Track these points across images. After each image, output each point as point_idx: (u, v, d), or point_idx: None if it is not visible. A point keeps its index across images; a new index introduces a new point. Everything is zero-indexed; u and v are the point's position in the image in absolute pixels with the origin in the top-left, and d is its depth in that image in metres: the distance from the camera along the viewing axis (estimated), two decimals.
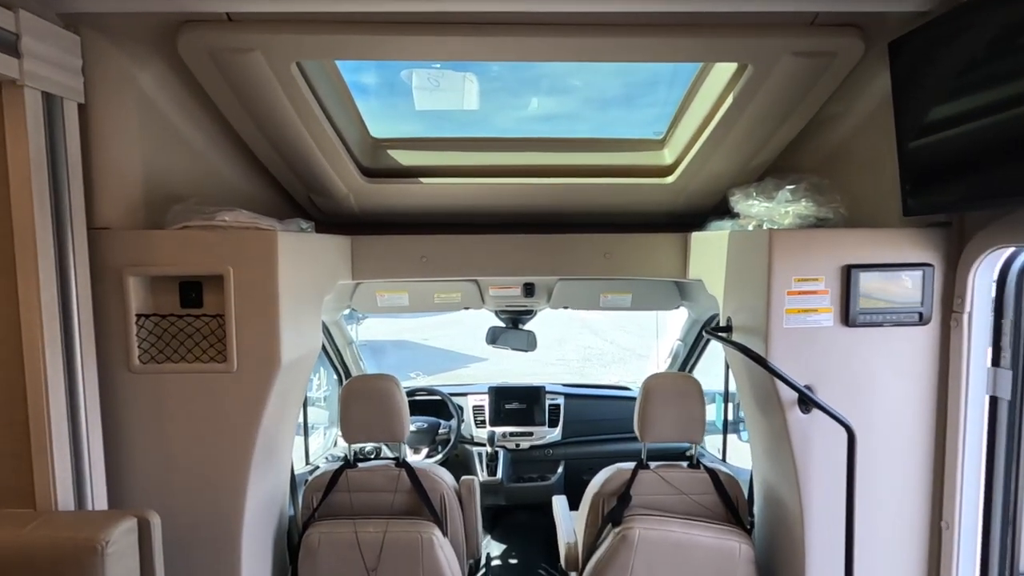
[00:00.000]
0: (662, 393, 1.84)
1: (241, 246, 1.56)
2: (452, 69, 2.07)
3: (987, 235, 1.49)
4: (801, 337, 1.60)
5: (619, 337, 13.16)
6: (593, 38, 1.52)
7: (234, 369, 1.58)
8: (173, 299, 1.61)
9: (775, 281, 1.58)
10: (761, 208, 1.93)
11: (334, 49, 1.56)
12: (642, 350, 11.70)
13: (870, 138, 1.77)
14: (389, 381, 1.86)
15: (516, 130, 2.33)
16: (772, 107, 1.76)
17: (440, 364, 10.56)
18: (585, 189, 2.19)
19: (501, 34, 1.50)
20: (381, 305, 2.61)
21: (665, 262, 2.31)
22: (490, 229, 2.34)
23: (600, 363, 11.50)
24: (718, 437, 3.13)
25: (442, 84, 2.12)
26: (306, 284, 1.81)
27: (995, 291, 1.57)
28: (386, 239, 2.28)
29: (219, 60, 1.54)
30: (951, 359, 1.60)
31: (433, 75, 2.07)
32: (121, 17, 1.45)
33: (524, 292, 2.65)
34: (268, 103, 1.70)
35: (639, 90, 2.30)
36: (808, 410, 1.62)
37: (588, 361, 11.66)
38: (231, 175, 2.01)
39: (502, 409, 3.02)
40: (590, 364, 11.44)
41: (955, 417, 1.59)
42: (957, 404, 1.58)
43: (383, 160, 2.18)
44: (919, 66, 1.50)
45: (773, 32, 1.51)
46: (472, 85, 2.14)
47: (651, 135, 2.24)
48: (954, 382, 1.59)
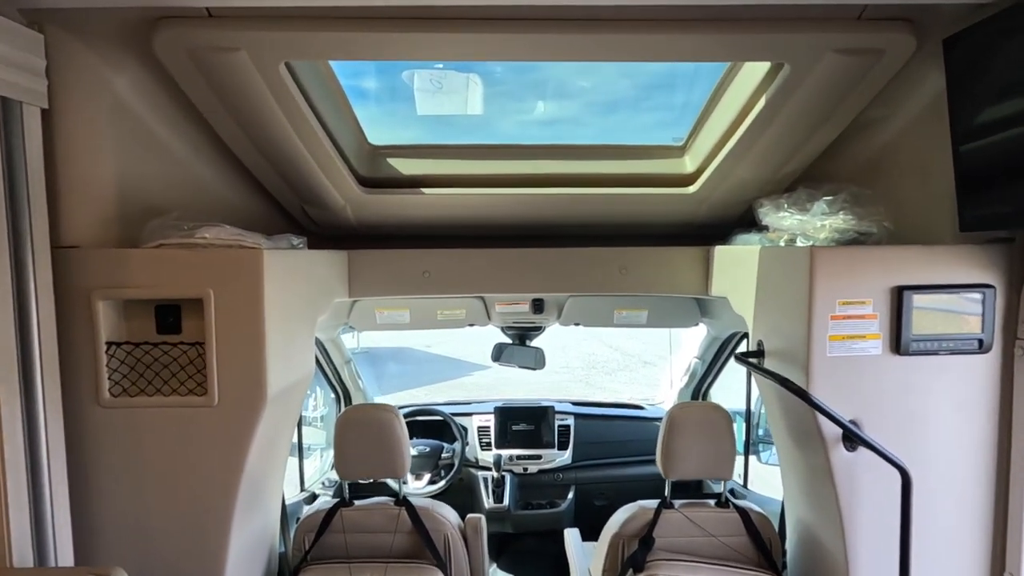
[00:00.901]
0: (688, 425, 1.68)
1: (223, 266, 1.40)
2: (455, 70, 1.93)
3: None
4: (846, 366, 1.44)
5: (624, 344, 12.96)
6: (613, 35, 1.36)
7: (215, 403, 1.42)
8: (148, 325, 1.45)
9: (817, 304, 1.42)
10: (794, 221, 1.77)
11: (327, 48, 1.41)
12: (648, 356, 11.52)
13: (917, 144, 1.61)
14: (388, 412, 1.70)
15: (524, 136, 2.18)
16: (809, 110, 1.60)
17: (442, 373, 10.37)
18: (599, 199, 2.03)
19: (511, 31, 1.35)
20: (380, 322, 2.45)
21: (685, 277, 2.15)
22: (497, 242, 2.18)
23: (605, 371, 11.31)
24: (738, 459, 2.96)
25: (445, 86, 1.97)
26: (297, 305, 1.65)
27: None
28: (385, 253, 2.12)
29: (200, 60, 1.39)
30: (1016, 391, 1.43)
31: (435, 76, 1.92)
32: (91, 13, 1.29)
33: (533, 308, 2.49)
34: (255, 107, 1.54)
35: (656, 92, 2.15)
36: (854, 447, 1.46)
37: (593, 368, 11.47)
38: (217, 185, 1.86)
39: (508, 431, 2.86)
40: (595, 372, 11.25)
41: (1020, 456, 1.42)
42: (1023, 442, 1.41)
43: (382, 169, 2.03)
44: (979, 65, 1.34)
45: (814, 27, 1.36)
46: (476, 87, 1.99)
47: (670, 141, 2.08)
48: (1020, 417, 1.42)
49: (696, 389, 3.05)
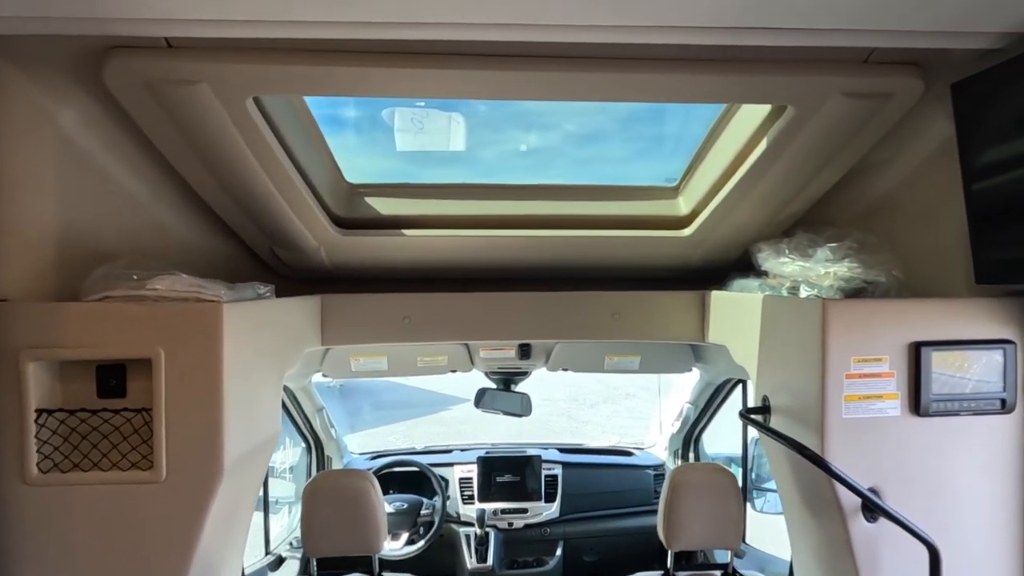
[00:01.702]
0: (692, 490, 1.54)
1: (176, 322, 1.24)
2: (438, 108, 1.83)
3: None
4: (863, 429, 1.33)
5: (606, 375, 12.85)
6: (612, 74, 1.27)
7: (162, 478, 1.24)
8: (88, 388, 1.28)
9: (831, 362, 1.32)
10: (796, 267, 1.68)
11: (299, 83, 1.29)
12: (630, 388, 11.39)
13: (922, 190, 1.55)
14: (362, 480, 1.53)
15: (510, 176, 2.07)
16: (812, 153, 1.53)
17: (420, 407, 10.07)
18: (590, 242, 1.93)
19: (499, 68, 1.25)
20: (356, 370, 2.28)
21: (680, 323, 2.04)
22: (482, 286, 2.05)
23: (588, 403, 11.14)
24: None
25: (426, 126, 1.86)
26: (263, 360, 1.49)
27: None
28: (362, 298, 1.97)
29: (157, 93, 1.26)
30: None
31: (417, 115, 1.82)
32: (31, 40, 1.15)
33: (519, 354, 2.36)
34: (219, 144, 1.41)
35: (647, 132, 2.08)
36: (875, 518, 1.34)
37: (575, 400, 11.29)
38: (178, 227, 1.71)
39: (492, 482, 2.68)
40: (577, 404, 11.07)
41: None
42: None
43: (360, 209, 1.90)
44: (990, 110, 1.28)
45: (820, 70, 1.29)
46: (459, 127, 1.89)
47: (663, 182, 2.00)
48: None
49: (688, 434, 2.92)
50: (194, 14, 1.12)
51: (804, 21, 1.15)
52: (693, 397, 2.74)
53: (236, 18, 1.13)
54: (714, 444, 3.08)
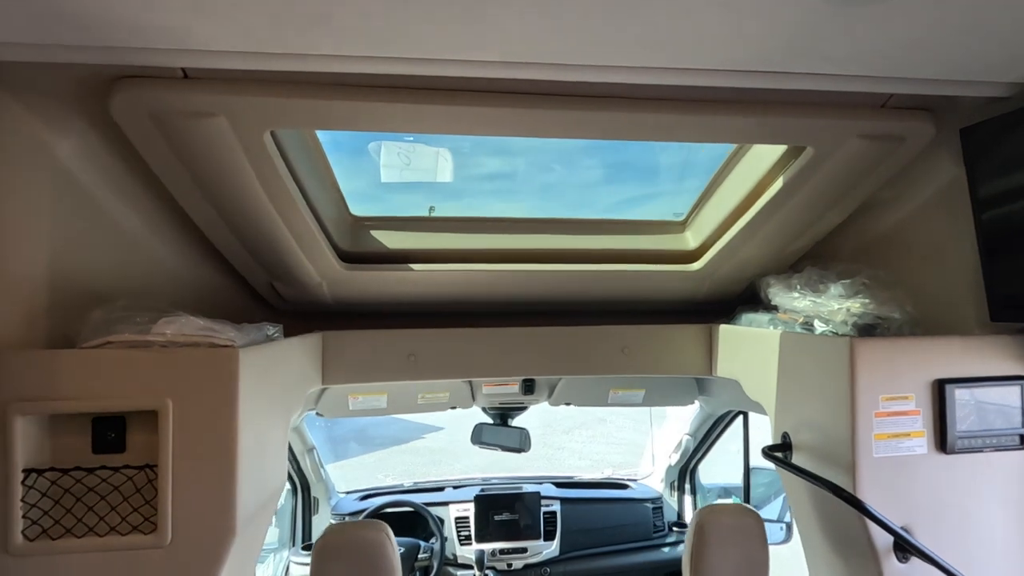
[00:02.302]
0: (720, 532, 1.51)
1: (188, 370, 1.15)
2: (424, 143, 1.80)
3: None
4: (893, 468, 1.33)
5: None
6: (632, 113, 1.27)
7: (167, 541, 1.13)
8: (82, 443, 1.16)
9: (861, 401, 1.32)
10: (807, 303, 1.69)
11: (322, 118, 1.24)
12: (601, 413, 11.37)
13: (927, 228, 1.59)
14: (378, 531, 1.43)
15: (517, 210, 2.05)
16: (826, 192, 1.56)
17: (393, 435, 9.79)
18: (597, 276, 1.91)
19: (523, 106, 1.23)
20: (354, 409, 2.18)
21: (688, 357, 2.03)
22: (487, 321, 2.00)
23: (562, 428, 11.06)
24: None
25: (412, 161, 1.83)
26: (272, 406, 1.40)
27: None
28: (365, 335, 1.89)
29: (168, 125, 1.19)
30: None
31: (403, 149, 1.79)
32: (31, 68, 1.08)
33: (523, 389, 2.30)
34: (230, 178, 1.34)
35: (654, 168, 2.10)
36: (906, 558, 1.33)
37: (549, 427, 11.19)
38: (172, 263, 1.61)
39: (490, 521, 2.58)
40: (552, 430, 10.98)
41: None
42: None
43: (365, 243, 1.83)
44: (1000, 155, 1.33)
45: (842, 113, 1.32)
46: (446, 163, 1.87)
47: (670, 216, 2.01)
48: None
49: (684, 466, 2.91)
50: (213, 44, 1.07)
51: (830, 67, 1.18)
52: (692, 429, 2.73)
53: (258, 50, 1.09)
54: (706, 474, 3.08)
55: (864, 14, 0.99)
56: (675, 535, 2.80)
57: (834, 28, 1.02)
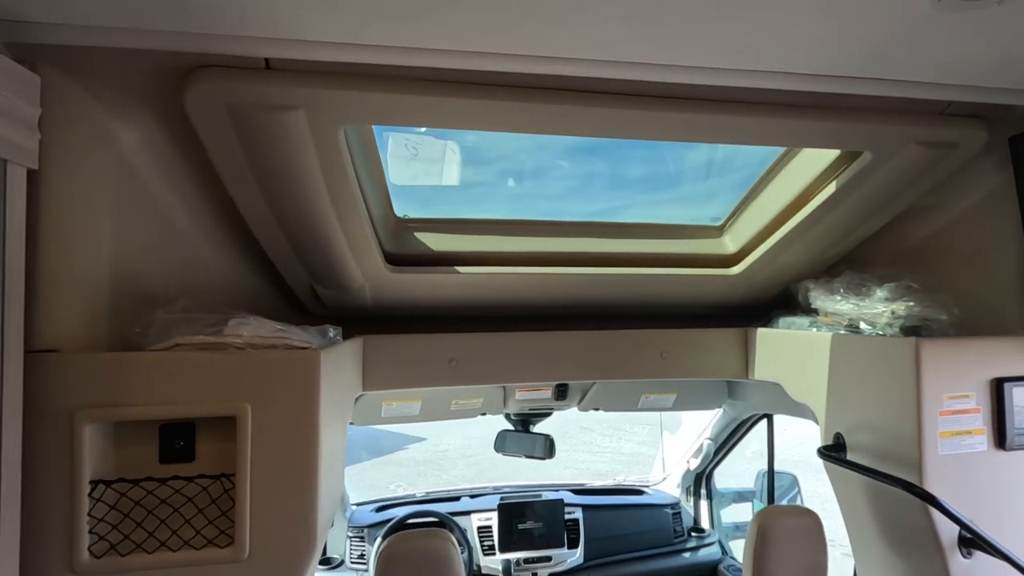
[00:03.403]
0: (782, 534, 1.51)
1: (269, 373, 1.09)
2: (434, 136, 1.77)
3: None
4: (958, 465, 1.36)
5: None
6: (693, 114, 1.28)
7: (245, 555, 1.07)
8: (148, 452, 1.09)
9: (927, 399, 1.35)
10: (849, 306, 1.73)
11: (404, 114, 1.20)
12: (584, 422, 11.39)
13: (970, 233, 1.64)
14: (444, 541, 1.38)
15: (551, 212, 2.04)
16: (876, 197, 1.60)
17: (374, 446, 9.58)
18: (638, 280, 1.91)
19: (605, 105, 1.23)
20: (386, 416, 2.12)
21: (725, 360, 2.05)
22: (526, 325, 1.98)
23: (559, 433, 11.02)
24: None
25: (421, 153, 1.80)
26: (337, 412, 1.34)
27: None
28: (407, 339, 1.85)
29: (243, 118, 1.14)
30: None
31: (411, 141, 1.76)
32: (102, 54, 1.02)
33: (555, 395, 2.28)
34: (295, 174, 1.29)
35: (693, 173, 2.12)
36: (970, 553, 1.36)
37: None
38: (214, 262, 1.54)
39: (514, 530, 2.54)
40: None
41: None
42: None
43: (408, 245, 1.79)
44: None
45: (904, 120, 1.36)
46: (453, 156, 1.84)
47: (707, 221, 2.04)
48: None
49: (701, 471, 2.93)
50: (300, 33, 1.03)
51: (906, 73, 1.21)
52: (714, 433, 2.75)
53: (346, 40, 1.05)
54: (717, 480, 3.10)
55: (958, 20, 1.02)
56: (694, 540, 2.81)
57: (926, 35, 1.05)
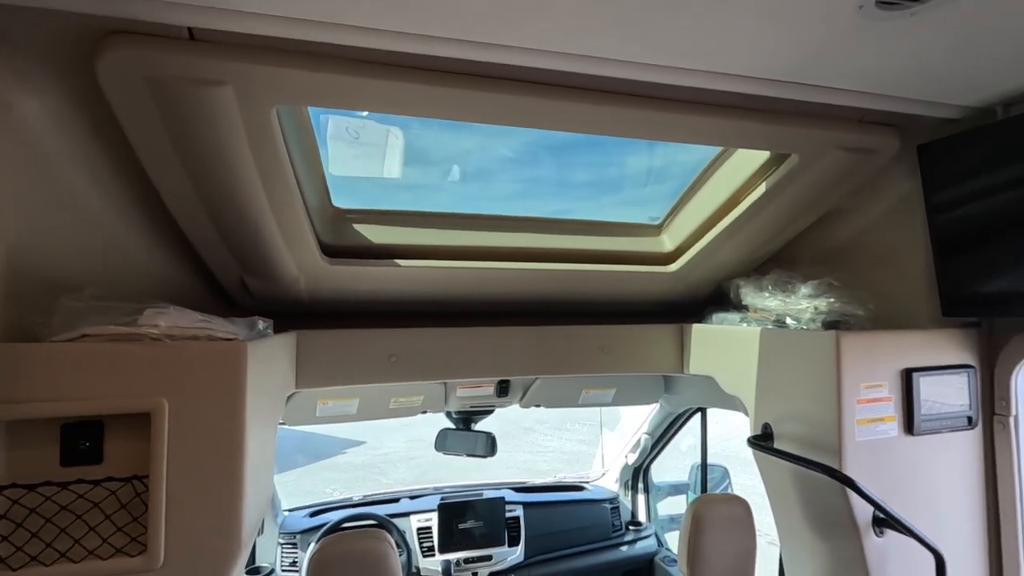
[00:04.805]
0: (716, 521, 1.56)
1: (188, 366, 1.02)
2: (376, 121, 1.72)
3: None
4: (871, 450, 1.45)
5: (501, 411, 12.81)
6: (630, 110, 1.30)
7: (159, 563, 0.99)
8: (48, 454, 0.99)
9: (845, 389, 1.43)
10: (777, 302, 1.82)
11: (340, 96, 1.15)
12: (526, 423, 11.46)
13: (884, 235, 1.76)
14: (381, 541, 1.33)
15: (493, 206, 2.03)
16: (802, 198, 1.68)
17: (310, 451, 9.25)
18: (581, 276, 1.93)
19: (537, 95, 1.22)
20: (321, 415, 2.03)
21: (661, 355, 2.11)
22: (469, 320, 1.96)
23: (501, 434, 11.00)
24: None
25: (362, 137, 1.75)
26: (266, 409, 1.27)
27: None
28: (344, 334, 1.78)
29: (163, 91, 1.06)
30: (1000, 464, 1.55)
31: (352, 125, 1.70)
32: (6, 13, 0.92)
33: (498, 391, 2.26)
34: (224, 157, 1.21)
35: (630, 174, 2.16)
36: (882, 532, 1.45)
37: None
38: (133, 249, 1.43)
39: (455, 530, 2.50)
40: None
41: (1009, 525, 1.52)
42: (1013, 512, 1.52)
43: (346, 236, 1.73)
44: (952, 170, 1.51)
45: (827, 125, 1.44)
46: (396, 141, 1.79)
47: (645, 220, 2.08)
48: (1007, 489, 1.53)
49: (639, 466, 2.99)
50: (227, 2, 0.97)
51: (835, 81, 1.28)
52: (651, 428, 2.82)
53: (279, 13, 1.00)
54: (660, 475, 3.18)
55: (877, 30, 1.09)
56: (632, 533, 2.87)
57: (850, 43, 1.12)
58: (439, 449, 2.55)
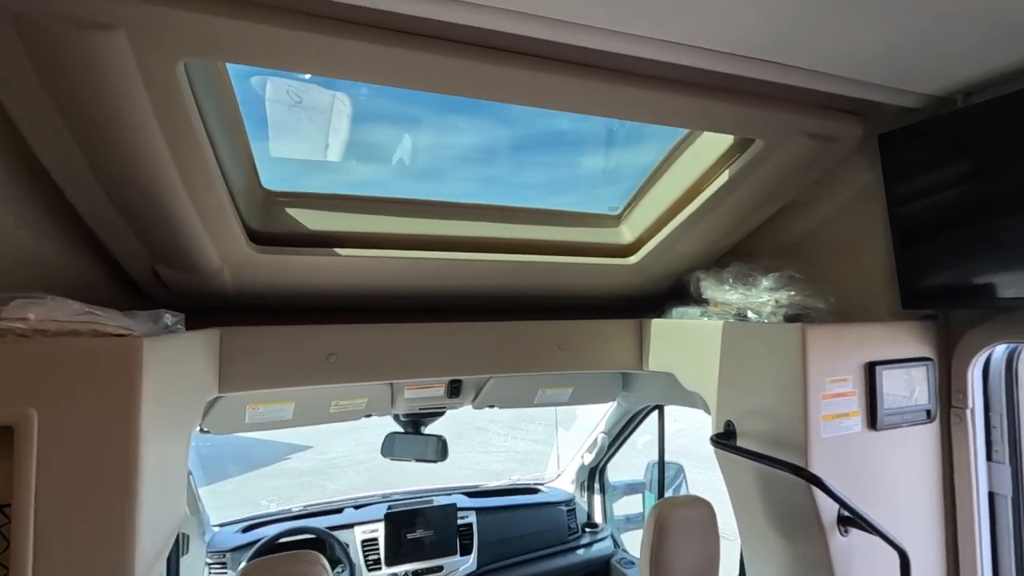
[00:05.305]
0: (679, 525, 1.48)
1: (66, 367, 0.83)
2: (320, 86, 1.54)
3: (984, 331, 1.47)
4: (836, 447, 1.40)
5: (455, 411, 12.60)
6: (593, 83, 1.20)
7: None
8: None
9: (812, 384, 1.37)
10: (738, 295, 1.77)
11: (264, 51, 0.99)
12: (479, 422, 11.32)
13: (843, 227, 1.73)
14: (312, 564, 1.17)
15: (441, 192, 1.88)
16: (765, 187, 1.63)
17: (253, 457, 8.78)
18: (536, 268, 1.82)
19: (476, 60, 1.11)
20: (252, 422, 1.83)
21: (621, 352, 2.02)
22: (417, 316, 1.81)
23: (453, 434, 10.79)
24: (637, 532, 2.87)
25: (305, 100, 1.56)
26: (176, 418, 1.09)
27: (982, 384, 1.57)
28: (276, 331, 1.60)
29: (36, 37, 0.87)
30: (957, 457, 1.53)
31: (294, 88, 1.51)
32: None
33: (448, 392, 2.12)
34: (120, 121, 1.03)
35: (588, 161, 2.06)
36: (847, 531, 1.41)
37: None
38: (18, 232, 1.21)
39: (403, 540, 2.34)
40: None
41: (968, 520, 1.51)
42: (969, 505, 1.50)
43: (278, 221, 1.56)
44: (913, 159, 1.49)
45: (793, 109, 1.39)
46: (343, 108, 1.62)
47: (605, 210, 1.99)
48: (964, 481, 1.52)
49: (595, 466, 2.92)
50: None
51: (802, 60, 1.22)
52: (608, 427, 2.75)
53: None
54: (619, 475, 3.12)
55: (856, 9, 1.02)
56: (588, 536, 2.79)
57: (827, 23, 1.05)
58: (386, 455, 2.38)
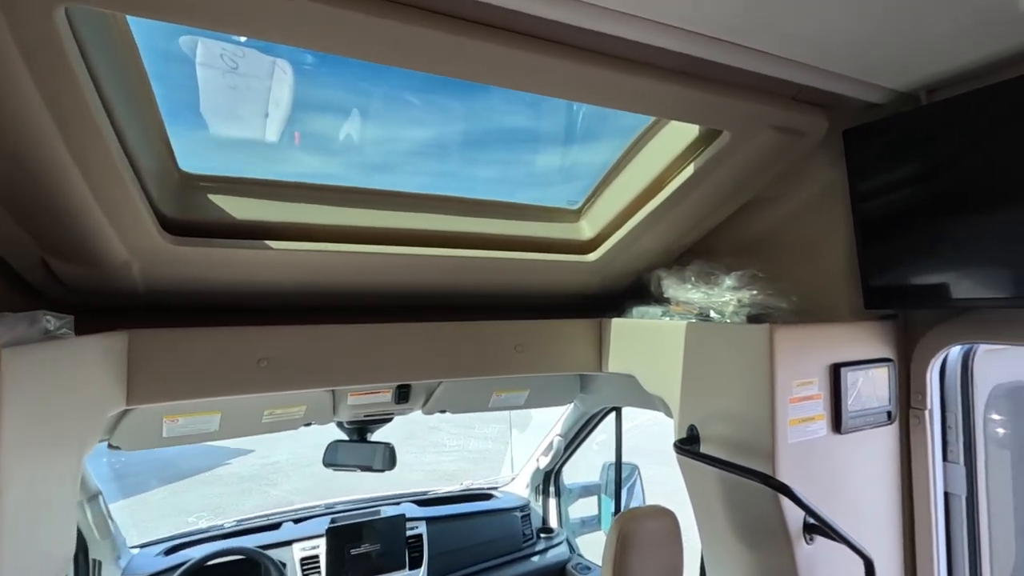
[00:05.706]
0: (644, 537, 1.39)
1: None
2: (259, 50, 1.36)
3: (943, 332, 1.46)
4: (802, 453, 1.35)
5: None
6: (560, 61, 1.11)
7: None
8: None
9: (779, 387, 1.32)
10: (700, 295, 1.71)
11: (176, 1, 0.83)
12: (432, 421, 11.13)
13: (804, 226, 1.70)
14: None
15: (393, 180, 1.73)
16: (730, 182, 1.57)
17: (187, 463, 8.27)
18: (491, 264, 1.70)
19: (443, 30, 0.99)
20: (170, 435, 1.63)
21: (580, 353, 1.93)
22: (361, 316, 1.66)
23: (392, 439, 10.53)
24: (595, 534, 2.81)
25: (240, 67, 1.37)
26: (57, 440, 0.91)
27: (939, 385, 1.56)
28: (196, 334, 1.41)
29: None
30: (915, 458, 1.52)
31: (229, 52, 1.32)
32: None
33: (396, 397, 1.97)
34: None
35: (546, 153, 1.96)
36: (812, 539, 1.36)
37: None
38: None
39: (346, 557, 2.18)
40: None
41: (925, 521, 1.50)
42: (927, 506, 1.49)
43: (198, 209, 1.37)
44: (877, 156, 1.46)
45: (761, 99, 1.32)
46: (285, 77, 1.44)
47: (564, 204, 1.89)
48: (921, 482, 1.51)
49: (550, 469, 2.83)
50: None
51: (770, 44, 1.15)
52: (564, 429, 2.66)
53: None
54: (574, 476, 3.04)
55: None
56: (543, 542, 2.70)
57: (798, 6, 0.98)
58: (329, 464, 2.21)
